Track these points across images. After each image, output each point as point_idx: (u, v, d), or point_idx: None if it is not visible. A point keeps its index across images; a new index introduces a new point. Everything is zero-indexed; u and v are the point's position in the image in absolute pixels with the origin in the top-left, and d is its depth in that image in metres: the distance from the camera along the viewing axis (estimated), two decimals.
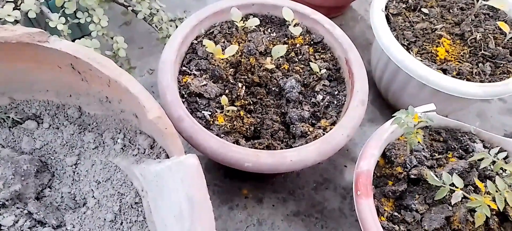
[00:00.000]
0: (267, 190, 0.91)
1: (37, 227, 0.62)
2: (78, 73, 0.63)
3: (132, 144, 0.66)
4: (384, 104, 1.08)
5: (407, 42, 0.90)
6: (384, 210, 0.66)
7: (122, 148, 0.66)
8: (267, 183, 0.93)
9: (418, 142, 0.68)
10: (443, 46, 0.88)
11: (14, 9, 0.76)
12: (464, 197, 0.62)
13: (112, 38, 0.87)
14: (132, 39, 1.03)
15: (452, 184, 0.62)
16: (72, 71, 0.63)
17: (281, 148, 0.69)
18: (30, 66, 0.64)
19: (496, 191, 0.60)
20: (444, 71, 0.85)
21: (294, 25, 0.79)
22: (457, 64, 0.86)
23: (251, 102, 0.74)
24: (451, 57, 0.87)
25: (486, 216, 0.59)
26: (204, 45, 0.77)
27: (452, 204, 0.62)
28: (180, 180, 0.47)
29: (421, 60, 0.85)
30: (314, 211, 0.89)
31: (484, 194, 0.63)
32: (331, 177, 0.95)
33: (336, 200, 0.92)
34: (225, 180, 0.92)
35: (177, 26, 0.97)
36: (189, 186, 0.46)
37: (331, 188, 0.93)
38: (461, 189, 0.62)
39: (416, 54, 0.88)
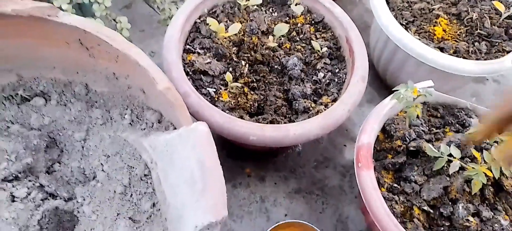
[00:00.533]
0: (269, 169, 0.93)
1: (49, 199, 0.64)
2: (86, 49, 0.64)
3: (140, 119, 0.68)
4: (382, 85, 1.10)
5: (406, 21, 0.92)
6: (384, 181, 0.69)
7: (130, 123, 0.68)
8: (268, 162, 0.95)
9: (417, 116, 0.70)
10: (441, 26, 0.90)
11: None
12: (461, 167, 0.65)
13: (115, 19, 0.88)
14: (133, 22, 1.03)
15: (450, 155, 0.65)
16: (80, 47, 0.64)
17: (285, 123, 0.71)
18: (37, 43, 0.65)
19: (492, 160, 0.63)
20: (441, 49, 0.87)
21: (296, 4, 0.80)
22: (454, 43, 0.88)
23: (254, 80, 0.76)
24: (448, 36, 0.89)
25: (483, 184, 0.62)
26: (207, 24, 0.79)
27: (450, 173, 0.65)
28: (191, 146, 0.48)
29: (419, 39, 0.87)
30: (315, 188, 0.92)
31: (480, 163, 0.66)
32: (331, 155, 0.98)
33: (336, 178, 0.94)
34: (228, 160, 0.93)
35: (176, 6, 0.98)
36: (200, 152, 0.48)
37: (331, 166, 0.96)
38: (458, 160, 0.64)
39: (414, 33, 0.90)
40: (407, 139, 0.71)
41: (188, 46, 0.78)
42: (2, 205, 0.61)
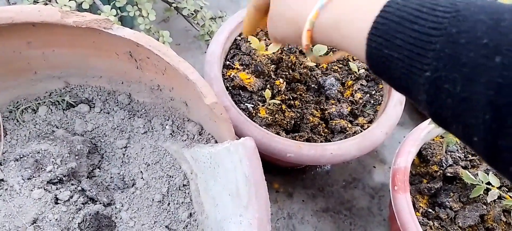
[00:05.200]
0: (297, 186, 0.94)
1: (89, 203, 0.66)
2: (134, 61, 0.66)
3: (181, 131, 0.70)
4: (413, 109, 1.10)
5: None
6: (419, 206, 0.69)
7: (171, 134, 0.69)
8: (297, 178, 0.95)
9: (455, 142, 0.70)
10: None
11: (70, 0, 0.81)
12: (499, 196, 0.64)
13: (157, 32, 0.92)
14: (170, 36, 1.07)
15: (488, 183, 0.64)
16: (129, 59, 0.67)
17: (321, 141, 0.72)
18: (88, 53, 0.67)
19: None
20: None
21: None
22: None
23: (291, 98, 0.77)
24: None
25: None
26: (247, 42, 0.81)
27: (488, 202, 0.64)
28: (238, 160, 0.50)
29: None
30: (343, 208, 0.92)
31: None
32: (359, 176, 0.98)
33: (365, 199, 0.94)
34: None
35: (215, 23, 1.00)
36: (247, 166, 0.49)
37: (359, 187, 0.96)
38: (497, 188, 0.64)
39: None
40: (444, 164, 0.71)
41: (228, 62, 0.80)
42: (47, 206, 0.63)
